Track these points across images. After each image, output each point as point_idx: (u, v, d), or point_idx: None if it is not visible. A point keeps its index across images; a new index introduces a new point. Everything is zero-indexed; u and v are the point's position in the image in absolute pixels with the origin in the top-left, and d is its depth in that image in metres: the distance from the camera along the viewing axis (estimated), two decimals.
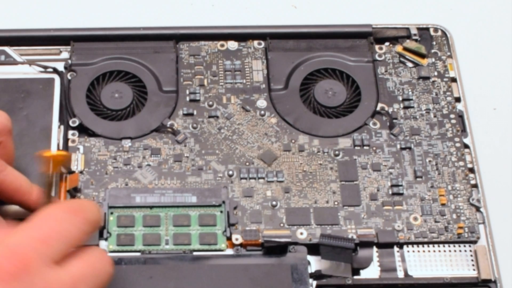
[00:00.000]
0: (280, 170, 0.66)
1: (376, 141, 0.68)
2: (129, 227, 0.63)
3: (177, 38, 0.72)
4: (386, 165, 0.67)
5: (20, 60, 0.70)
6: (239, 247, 0.63)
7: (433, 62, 0.72)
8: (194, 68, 0.71)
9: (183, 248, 0.62)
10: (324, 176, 0.66)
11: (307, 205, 0.65)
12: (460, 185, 0.66)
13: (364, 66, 0.71)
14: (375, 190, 0.66)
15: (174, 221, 0.63)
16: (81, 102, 0.68)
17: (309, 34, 0.73)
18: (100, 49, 0.71)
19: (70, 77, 0.69)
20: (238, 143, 0.68)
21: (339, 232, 0.64)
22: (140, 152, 0.67)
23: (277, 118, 0.69)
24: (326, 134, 0.68)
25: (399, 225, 0.64)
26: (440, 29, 0.74)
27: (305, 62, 0.71)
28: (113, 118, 0.68)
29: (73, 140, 0.67)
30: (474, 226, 0.64)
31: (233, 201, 0.64)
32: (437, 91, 0.71)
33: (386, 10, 0.80)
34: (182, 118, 0.68)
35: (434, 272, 0.63)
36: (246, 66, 0.71)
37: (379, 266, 0.63)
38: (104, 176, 0.65)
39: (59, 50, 0.71)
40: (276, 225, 0.64)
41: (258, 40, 0.73)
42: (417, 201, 0.65)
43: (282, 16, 0.80)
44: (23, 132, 0.65)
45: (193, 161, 0.66)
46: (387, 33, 0.73)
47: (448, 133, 0.69)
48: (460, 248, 0.64)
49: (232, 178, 0.66)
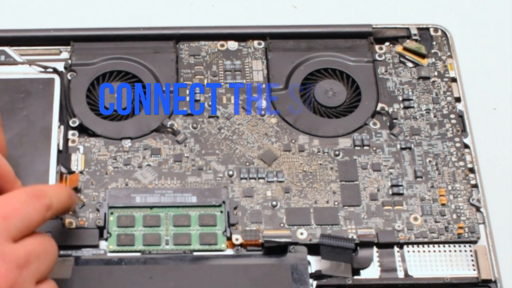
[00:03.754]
0: (280, 170, 0.66)
1: (376, 141, 0.68)
2: (129, 227, 0.63)
3: (177, 38, 0.72)
4: (386, 165, 0.67)
5: (20, 60, 0.70)
6: (239, 247, 0.63)
7: (433, 62, 0.72)
8: (194, 68, 0.71)
9: (183, 248, 0.62)
10: (324, 176, 0.66)
11: (307, 205, 0.65)
12: (460, 185, 0.66)
13: (364, 66, 0.71)
14: (375, 190, 0.66)
15: (174, 221, 0.63)
16: (81, 102, 0.68)
17: (309, 34, 0.73)
18: (100, 49, 0.71)
19: (70, 77, 0.69)
20: (238, 143, 0.68)
21: (339, 232, 0.64)
22: (140, 152, 0.67)
23: (277, 118, 0.69)
24: (326, 134, 0.68)
25: (399, 225, 0.64)
26: (440, 29, 0.74)
27: (305, 62, 0.71)
28: (113, 118, 0.68)
29: (73, 140, 0.67)
30: (474, 226, 0.64)
31: (233, 201, 0.64)
32: (437, 91, 0.71)
33: (386, 10, 0.80)
34: (182, 118, 0.68)
35: (434, 272, 0.63)
36: (246, 66, 0.71)
37: (379, 266, 0.63)
38: (104, 176, 0.65)
39: (59, 50, 0.71)
40: (276, 225, 0.64)
41: (258, 40, 0.73)
42: (417, 201, 0.65)
43: (282, 16, 0.80)
44: (23, 132, 0.65)
45: (193, 161, 0.66)
46: (387, 33, 0.73)
47: (448, 133, 0.69)
48: (460, 248, 0.64)
49: (232, 178, 0.66)
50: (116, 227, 0.63)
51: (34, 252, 0.51)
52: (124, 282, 0.60)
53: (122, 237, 0.62)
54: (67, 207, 0.57)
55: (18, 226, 0.50)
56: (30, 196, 0.52)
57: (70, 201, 0.57)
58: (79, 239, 0.62)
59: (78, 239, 0.62)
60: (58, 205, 0.54)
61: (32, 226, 0.52)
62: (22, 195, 0.52)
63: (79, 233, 0.62)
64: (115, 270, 0.61)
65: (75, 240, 0.62)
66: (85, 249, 0.62)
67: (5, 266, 0.49)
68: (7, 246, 0.49)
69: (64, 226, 0.62)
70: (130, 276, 0.60)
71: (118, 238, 0.62)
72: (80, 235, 0.62)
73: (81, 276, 0.60)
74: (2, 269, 0.49)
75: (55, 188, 0.56)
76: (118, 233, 0.62)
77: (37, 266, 0.51)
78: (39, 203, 0.52)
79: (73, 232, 0.62)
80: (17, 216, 0.50)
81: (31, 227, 0.52)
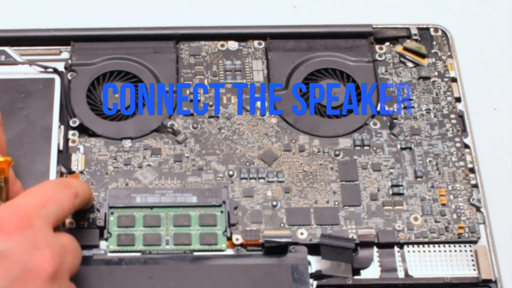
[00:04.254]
0: (280, 170, 0.66)
1: (376, 141, 0.68)
2: (130, 227, 0.63)
3: (177, 38, 0.72)
4: (386, 165, 0.67)
5: (20, 60, 0.70)
6: (239, 247, 0.63)
7: (433, 62, 0.72)
8: (194, 68, 0.71)
9: (183, 248, 0.62)
10: (324, 176, 0.66)
11: (307, 205, 0.65)
12: (461, 185, 0.66)
13: (364, 66, 0.71)
14: (375, 190, 0.66)
15: (175, 221, 0.63)
16: (81, 102, 0.68)
17: (309, 34, 0.73)
18: (100, 49, 0.71)
19: (70, 77, 0.69)
20: (239, 143, 0.68)
21: (340, 232, 0.64)
22: (140, 152, 0.67)
23: (277, 118, 0.69)
24: (326, 134, 0.68)
25: (400, 225, 0.64)
26: (440, 29, 0.74)
27: (305, 62, 0.71)
28: (113, 118, 0.68)
29: (73, 140, 0.67)
30: (475, 226, 0.64)
31: (234, 201, 0.64)
32: (438, 91, 0.71)
33: (386, 10, 0.80)
34: (182, 118, 0.68)
35: (434, 272, 0.63)
36: (246, 66, 0.71)
37: (379, 266, 0.63)
38: (105, 176, 0.65)
39: (59, 50, 0.71)
40: (276, 225, 0.64)
41: (258, 40, 0.73)
42: (418, 201, 0.65)
43: (282, 16, 0.80)
44: (23, 132, 0.65)
45: (194, 161, 0.66)
46: (387, 33, 0.73)
47: (449, 133, 0.69)
48: (461, 248, 0.64)
49: (233, 178, 0.66)
50: (116, 227, 0.63)
51: (69, 246, 0.53)
52: (124, 282, 0.60)
53: (122, 237, 0.62)
54: (90, 197, 0.59)
55: (55, 213, 0.53)
56: (59, 185, 0.55)
57: (91, 193, 0.60)
58: (80, 239, 0.61)
59: (78, 239, 0.61)
60: (83, 194, 0.57)
61: (65, 213, 0.54)
62: (52, 184, 0.55)
63: (79, 233, 0.62)
64: (115, 270, 0.61)
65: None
66: (85, 249, 0.62)
67: (51, 252, 0.50)
68: (50, 234, 0.51)
69: (65, 226, 0.62)
70: (130, 276, 0.60)
71: (119, 238, 0.62)
72: (80, 235, 0.62)
73: (81, 276, 0.60)
74: (48, 254, 0.50)
75: (77, 180, 0.58)
76: (119, 233, 0.63)
77: (71, 261, 0.53)
78: (69, 191, 0.55)
79: (73, 232, 0.62)
80: (53, 203, 0.53)
81: (65, 214, 0.54)
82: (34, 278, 0.49)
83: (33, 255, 0.49)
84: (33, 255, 0.49)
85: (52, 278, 0.50)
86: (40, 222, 0.51)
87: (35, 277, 0.49)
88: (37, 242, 0.50)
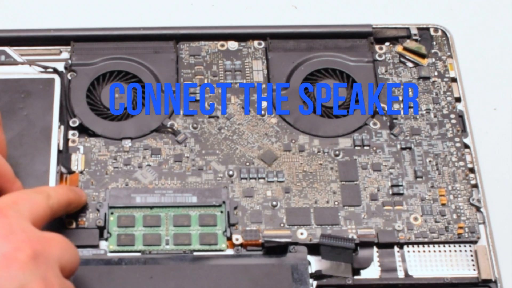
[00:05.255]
0: (280, 170, 0.66)
1: (376, 141, 0.68)
2: (129, 227, 0.63)
3: (177, 38, 0.72)
4: (386, 165, 0.67)
5: (20, 60, 0.70)
6: (239, 247, 0.63)
7: (433, 62, 0.72)
8: (194, 68, 0.71)
9: (183, 248, 0.62)
10: (324, 176, 0.66)
11: (307, 205, 0.65)
12: (460, 185, 0.66)
13: (364, 66, 0.71)
14: (375, 190, 0.66)
15: (175, 221, 0.63)
16: (81, 102, 0.68)
17: (309, 34, 0.73)
18: (100, 49, 0.71)
19: (70, 77, 0.69)
20: (238, 143, 0.68)
21: (340, 232, 0.64)
22: (140, 152, 0.67)
23: (277, 118, 0.69)
24: (326, 134, 0.68)
25: (400, 225, 0.64)
26: (440, 29, 0.74)
27: (305, 62, 0.71)
28: (113, 118, 0.68)
29: (73, 140, 0.67)
30: (474, 226, 0.64)
31: (234, 201, 0.64)
32: (437, 91, 0.71)
33: (386, 10, 0.80)
34: (182, 118, 0.68)
35: (434, 272, 0.63)
36: (246, 66, 0.71)
37: (379, 266, 0.63)
38: (104, 176, 0.65)
39: (59, 50, 0.71)
40: (276, 225, 0.64)
41: (258, 40, 0.73)
42: (418, 201, 0.65)
43: (282, 16, 0.80)
44: (23, 132, 0.65)
45: (193, 161, 0.66)
46: (387, 33, 0.73)
47: (448, 133, 0.69)
48: (461, 248, 0.64)
49: (233, 178, 0.66)
50: (116, 227, 0.63)
51: (54, 239, 0.53)
52: (124, 282, 0.60)
53: (122, 237, 0.62)
54: (67, 199, 0.59)
55: (28, 209, 0.54)
56: (30, 190, 0.57)
57: (70, 194, 0.60)
58: (79, 239, 0.62)
59: (78, 239, 0.62)
60: (57, 195, 0.57)
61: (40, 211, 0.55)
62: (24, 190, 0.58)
63: (79, 233, 0.62)
64: (115, 270, 0.61)
65: (75, 240, 0.61)
66: (85, 249, 0.62)
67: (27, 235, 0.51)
68: (25, 223, 0.52)
69: (64, 226, 0.62)
70: (130, 276, 0.60)
71: (118, 238, 0.62)
72: (80, 235, 0.62)
73: (81, 276, 0.60)
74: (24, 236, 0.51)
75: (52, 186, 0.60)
76: (118, 233, 0.63)
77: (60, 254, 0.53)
78: (40, 193, 0.56)
79: (73, 232, 0.62)
80: (25, 201, 0.54)
81: (40, 212, 0.55)
82: (13, 260, 0.49)
83: (9, 238, 0.50)
84: (9, 239, 0.50)
85: (32, 260, 0.50)
86: (14, 213, 0.52)
87: (14, 259, 0.49)
88: (12, 228, 0.51)
